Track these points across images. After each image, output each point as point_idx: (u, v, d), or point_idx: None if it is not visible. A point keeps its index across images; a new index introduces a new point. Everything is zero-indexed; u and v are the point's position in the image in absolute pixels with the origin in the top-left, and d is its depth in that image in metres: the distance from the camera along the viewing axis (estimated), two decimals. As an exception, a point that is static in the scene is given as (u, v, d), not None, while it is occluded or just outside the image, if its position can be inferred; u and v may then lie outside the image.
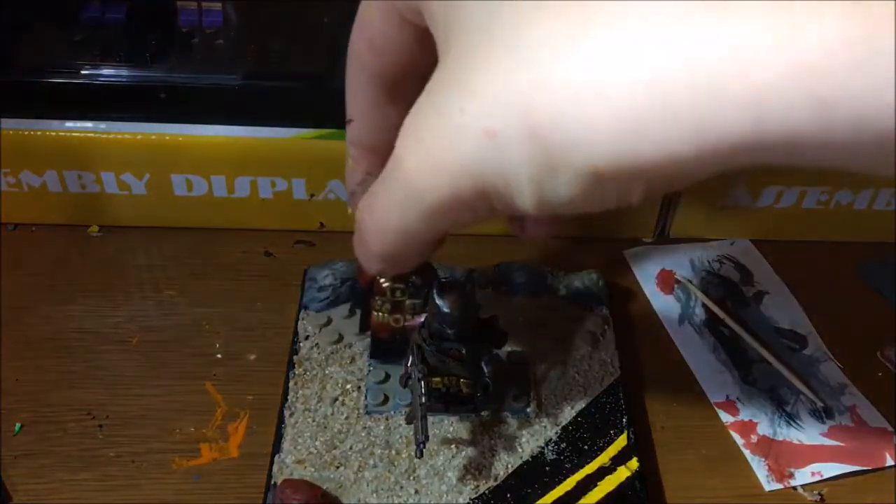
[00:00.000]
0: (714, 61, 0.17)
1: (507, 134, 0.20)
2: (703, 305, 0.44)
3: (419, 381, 0.33)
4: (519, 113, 0.20)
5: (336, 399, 0.37)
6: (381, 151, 0.30)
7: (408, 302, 0.35)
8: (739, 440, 0.38)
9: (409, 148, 0.23)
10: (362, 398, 0.37)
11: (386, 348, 0.37)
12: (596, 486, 0.34)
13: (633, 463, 0.35)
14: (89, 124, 0.42)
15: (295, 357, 0.38)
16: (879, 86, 0.16)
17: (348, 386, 0.37)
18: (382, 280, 0.34)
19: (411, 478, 0.34)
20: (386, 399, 0.37)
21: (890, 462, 0.37)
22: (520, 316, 0.40)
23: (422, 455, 0.32)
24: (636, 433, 0.36)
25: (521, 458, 0.35)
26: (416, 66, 0.28)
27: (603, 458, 0.35)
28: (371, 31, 0.27)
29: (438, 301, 0.32)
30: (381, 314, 0.36)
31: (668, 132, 0.18)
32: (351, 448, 0.35)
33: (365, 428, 0.36)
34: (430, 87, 0.22)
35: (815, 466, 0.37)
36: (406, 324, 0.35)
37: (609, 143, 0.19)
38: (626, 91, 0.18)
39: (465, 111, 0.21)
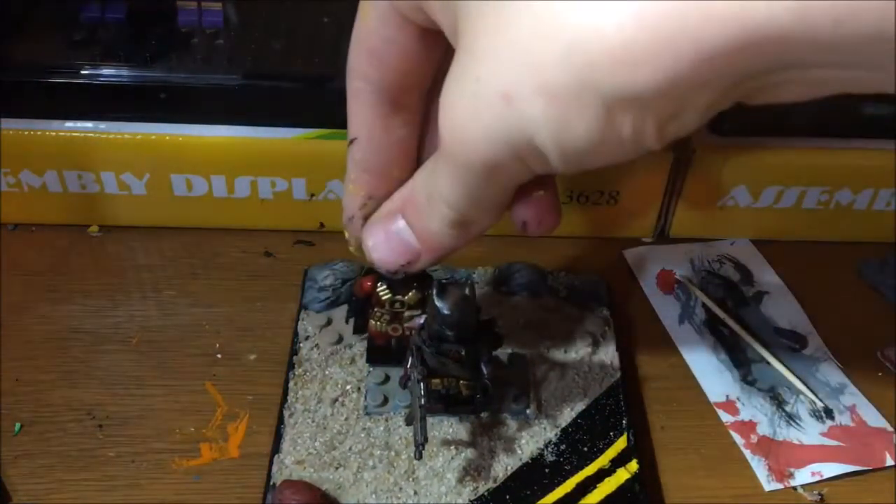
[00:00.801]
0: None
1: (521, 94, 0.20)
2: (703, 305, 0.44)
3: (419, 382, 0.33)
4: (528, 70, 0.20)
5: (336, 400, 0.37)
6: (384, 173, 0.30)
7: (406, 313, 0.35)
8: (739, 440, 0.38)
9: (444, 123, 0.23)
10: (362, 399, 0.37)
11: (382, 354, 0.37)
12: (595, 487, 0.34)
13: (633, 465, 0.35)
14: (89, 124, 0.42)
15: (295, 357, 0.38)
16: None
17: (348, 387, 0.37)
18: (381, 292, 0.34)
19: (410, 479, 0.34)
20: (385, 400, 0.37)
21: (890, 462, 0.37)
22: (520, 317, 0.40)
23: (421, 456, 0.32)
24: (636, 434, 0.36)
25: (521, 459, 0.35)
26: (418, 74, 0.28)
27: (602, 461, 0.35)
28: (371, 41, 0.27)
29: (438, 303, 0.31)
30: (379, 324, 0.36)
31: (661, 57, 0.18)
32: (350, 449, 0.35)
33: (364, 429, 0.36)
34: (453, 61, 0.23)
35: (815, 466, 0.37)
36: (405, 325, 0.35)
37: (612, 79, 0.19)
38: (618, 26, 0.18)
39: (480, 79, 0.21)
